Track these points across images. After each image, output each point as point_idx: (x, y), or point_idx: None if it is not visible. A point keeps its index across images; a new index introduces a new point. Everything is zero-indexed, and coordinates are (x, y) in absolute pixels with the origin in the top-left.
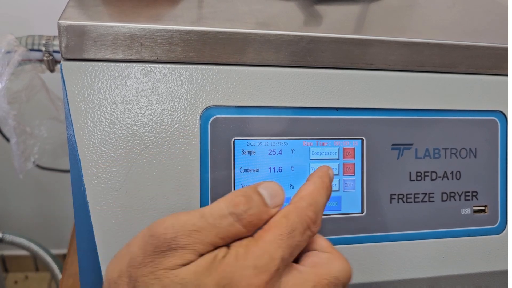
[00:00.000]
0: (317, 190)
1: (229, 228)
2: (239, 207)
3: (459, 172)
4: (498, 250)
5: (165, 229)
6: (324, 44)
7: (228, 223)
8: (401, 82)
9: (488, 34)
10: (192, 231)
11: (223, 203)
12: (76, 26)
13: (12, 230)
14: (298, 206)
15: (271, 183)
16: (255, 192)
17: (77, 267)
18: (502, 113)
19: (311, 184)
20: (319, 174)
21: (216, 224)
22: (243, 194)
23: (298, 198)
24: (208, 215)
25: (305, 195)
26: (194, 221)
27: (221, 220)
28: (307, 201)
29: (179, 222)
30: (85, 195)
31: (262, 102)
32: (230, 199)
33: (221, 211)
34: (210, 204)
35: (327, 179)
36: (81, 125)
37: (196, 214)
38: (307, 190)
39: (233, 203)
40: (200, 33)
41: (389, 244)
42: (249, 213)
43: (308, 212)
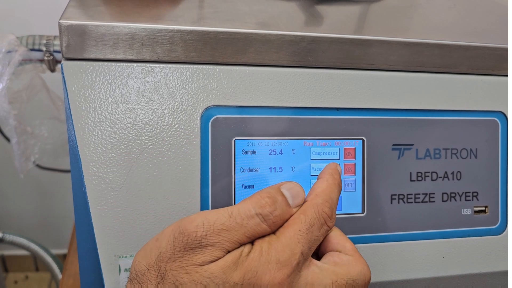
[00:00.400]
0: (330, 187)
1: (256, 228)
2: (266, 208)
3: (459, 173)
4: (499, 250)
5: (196, 228)
6: (325, 44)
7: (255, 223)
8: (402, 82)
9: (488, 34)
10: (221, 230)
11: (250, 204)
12: (77, 26)
13: (12, 230)
14: (315, 203)
15: (293, 184)
16: (279, 193)
17: (77, 267)
18: (503, 114)
19: (324, 181)
20: (330, 172)
21: (244, 224)
22: (269, 196)
23: (313, 195)
24: (236, 215)
25: (320, 192)
26: (223, 220)
27: (248, 220)
28: (323, 198)
29: (209, 221)
30: (85, 194)
31: (262, 102)
32: (256, 200)
33: (248, 212)
34: (237, 204)
35: (338, 176)
36: (81, 124)
37: (225, 213)
38: (321, 187)
39: (259, 204)
40: (201, 33)
41: (390, 244)
42: (274, 214)
43: (324, 208)
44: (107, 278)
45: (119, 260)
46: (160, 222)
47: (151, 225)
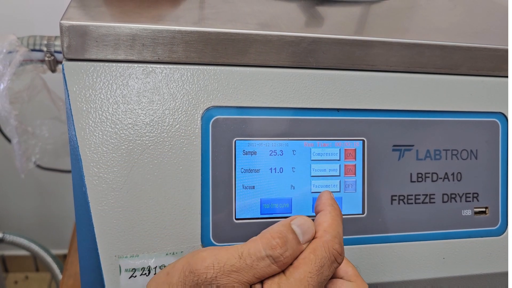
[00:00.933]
0: (336, 221)
1: (266, 269)
2: (276, 250)
3: (460, 174)
4: (499, 251)
5: (206, 269)
6: (325, 45)
7: (265, 265)
8: (403, 83)
9: (489, 35)
10: (231, 272)
11: (260, 245)
12: (78, 26)
13: (12, 230)
14: (324, 241)
15: (303, 219)
16: (290, 231)
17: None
18: (503, 115)
19: (327, 214)
20: (329, 202)
21: (254, 266)
22: (280, 236)
23: (322, 232)
24: (246, 256)
25: (327, 227)
26: (233, 261)
27: (258, 262)
28: (331, 234)
29: (219, 262)
30: (86, 195)
31: (263, 102)
32: (267, 240)
33: (259, 253)
34: (247, 243)
35: (337, 205)
36: (82, 125)
37: (235, 254)
38: (327, 221)
39: (270, 245)
40: (201, 33)
41: (390, 245)
42: (285, 256)
43: (334, 245)
44: (107, 278)
45: (120, 260)
46: (161, 222)
47: (152, 226)
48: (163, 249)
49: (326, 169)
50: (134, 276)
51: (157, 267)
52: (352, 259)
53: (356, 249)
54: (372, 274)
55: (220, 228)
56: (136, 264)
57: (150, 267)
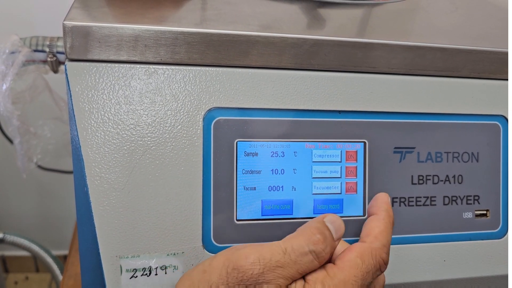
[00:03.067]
0: (388, 229)
1: (309, 265)
2: (319, 245)
3: (461, 176)
4: (500, 254)
5: (252, 265)
6: (327, 47)
7: (308, 260)
8: (404, 85)
9: (490, 38)
10: (277, 267)
11: (303, 241)
12: (81, 27)
13: (13, 230)
14: (374, 247)
15: (334, 217)
16: (325, 228)
17: (78, 268)
18: (504, 118)
19: (381, 220)
20: (385, 207)
21: (298, 261)
22: (320, 232)
23: (372, 238)
24: (290, 252)
25: (378, 234)
26: (278, 257)
27: (302, 257)
28: (381, 242)
29: (264, 258)
30: (88, 195)
31: (265, 104)
32: (308, 236)
33: (302, 249)
34: (288, 239)
35: (392, 212)
36: (84, 125)
37: (279, 250)
38: (379, 228)
39: (312, 241)
40: (204, 35)
41: (391, 247)
42: (326, 251)
43: (382, 254)
44: (108, 279)
45: (121, 260)
46: (162, 223)
47: (153, 226)
48: (164, 249)
49: (327, 170)
50: (135, 277)
51: (158, 268)
52: None
53: None
54: None
55: (221, 229)
56: (137, 264)
57: (151, 267)
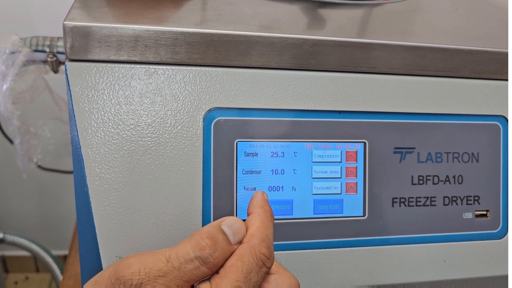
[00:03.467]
0: (265, 223)
1: (194, 272)
2: (205, 250)
3: (461, 177)
4: (500, 254)
5: (131, 275)
6: (327, 47)
7: (194, 267)
8: (404, 86)
9: (491, 39)
10: (158, 277)
11: (189, 246)
12: (81, 27)
13: (13, 230)
14: (252, 245)
15: (233, 220)
16: (219, 231)
17: (78, 268)
18: (504, 118)
19: (256, 217)
20: (260, 204)
21: (182, 268)
22: (209, 236)
23: (249, 236)
24: (174, 259)
25: (255, 230)
26: (160, 265)
27: (186, 264)
28: (259, 237)
29: (145, 268)
30: (88, 195)
31: (265, 104)
32: (196, 242)
33: (187, 255)
34: (176, 246)
35: (268, 206)
36: (84, 125)
37: (162, 258)
38: (255, 225)
39: (199, 246)
40: (204, 35)
41: (391, 247)
42: (214, 256)
43: (261, 249)
44: None
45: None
46: (162, 223)
47: (153, 226)
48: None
49: (327, 171)
50: None
51: None
52: (353, 261)
53: (357, 251)
54: (372, 276)
55: None
56: None
57: None
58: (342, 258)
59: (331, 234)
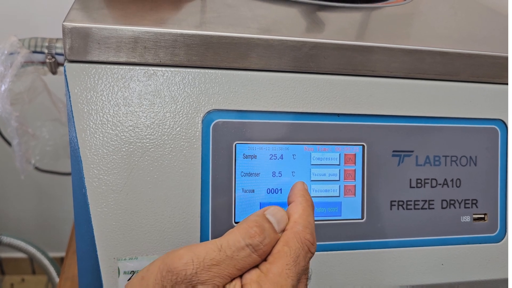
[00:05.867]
0: (307, 211)
1: (246, 259)
2: (255, 238)
3: (459, 180)
4: (498, 258)
5: (185, 265)
6: (326, 50)
7: (246, 254)
8: (403, 89)
9: (489, 43)
10: (212, 266)
11: (239, 235)
12: (80, 28)
13: (10, 232)
14: (296, 231)
15: (276, 209)
16: (265, 220)
17: (75, 270)
18: (503, 122)
19: (298, 205)
20: (301, 193)
21: (234, 256)
22: (257, 225)
23: (292, 223)
24: (226, 248)
25: (298, 218)
26: (213, 255)
27: (239, 252)
28: (302, 224)
29: (198, 258)
30: (86, 197)
31: (264, 106)
32: (245, 230)
33: (238, 243)
34: (225, 235)
35: (309, 195)
36: (83, 126)
37: (213, 247)
38: (298, 212)
39: (249, 234)
40: (203, 37)
41: (389, 250)
42: (264, 243)
43: (306, 235)
44: (106, 281)
45: (119, 262)
46: (160, 225)
47: (151, 228)
48: (162, 252)
49: (326, 173)
50: None
51: None
52: (351, 264)
53: (355, 254)
54: (370, 279)
55: (219, 231)
56: (135, 266)
57: None
58: (340, 261)
59: (330, 236)
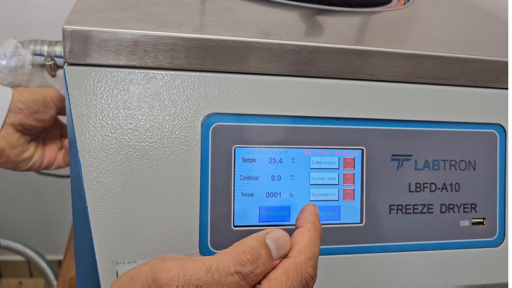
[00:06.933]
0: (314, 241)
1: (234, 286)
2: (246, 267)
3: (458, 184)
4: (497, 262)
5: (170, 280)
6: (325, 54)
7: (233, 281)
8: (402, 93)
9: (487, 47)
10: (197, 286)
11: (230, 259)
12: (80, 31)
13: (7, 234)
14: (298, 262)
15: (279, 233)
16: (263, 246)
17: (73, 272)
18: (501, 126)
19: (306, 232)
20: (311, 219)
21: (222, 281)
22: (251, 252)
23: (296, 252)
24: (214, 270)
25: (303, 247)
26: (200, 275)
27: (226, 278)
28: (306, 255)
29: (184, 275)
30: (84, 199)
31: (263, 110)
32: (238, 255)
33: (228, 268)
34: (216, 256)
35: (319, 223)
36: (82, 129)
37: (202, 267)
38: (304, 240)
39: (240, 261)
40: (203, 40)
41: (388, 254)
42: (255, 273)
43: (307, 268)
44: (104, 284)
45: (117, 266)
46: (159, 228)
47: (150, 232)
48: (161, 255)
49: (325, 177)
50: None
51: None
52: (350, 268)
53: (354, 258)
54: (369, 283)
55: (218, 235)
56: None
57: None
58: (339, 265)
59: (328, 240)
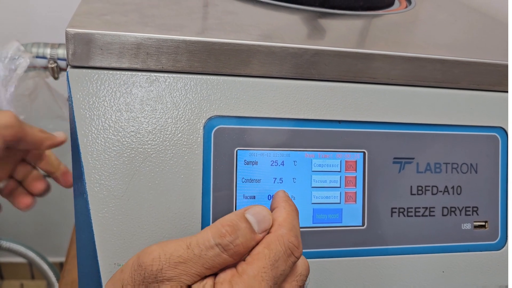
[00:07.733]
0: (291, 214)
1: (215, 259)
2: (225, 238)
3: (460, 187)
4: (498, 266)
5: (152, 261)
6: (327, 57)
7: (214, 254)
8: (404, 96)
9: (489, 50)
10: (178, 263)
11: (210, 233)
12: (83, 34)
13: (9, 236)
14: (280, 234)
15: (259, 208)
16: (242, 219)
17: (74, 275)
18: (503, 129)
19: (282, 209)
20: (284, 199)
21: (202, 255)
22: (230, 224)
23: (277, 226)
24: (194, 246)
25: (282, 221)
26: (180, 252)
27: (207, 251)
28: (287, 227)
29: (165, 254)
30: (87, 202)
31: (265, 113)
32: (216, 229)
33: (207, 242)
34: (197, 234)
35: (292, 201)
36: (85, 132)
37: (183, 244)
38: (282, 216)
39: (219, 234)
40: (205, 43)
41: (389, 257)
42: (235, 244)
43: (290, 238)
44: None
45: (119, 268)
46: (161, 230)
47: (152, 234)
48: None
49: (327, 180)
50: None
51: None
52: (351, 271)
53: (355, 261)
54: (371, 286)
55: None
56: None
57: None
58: (341, 268)
59: (330, 243)
